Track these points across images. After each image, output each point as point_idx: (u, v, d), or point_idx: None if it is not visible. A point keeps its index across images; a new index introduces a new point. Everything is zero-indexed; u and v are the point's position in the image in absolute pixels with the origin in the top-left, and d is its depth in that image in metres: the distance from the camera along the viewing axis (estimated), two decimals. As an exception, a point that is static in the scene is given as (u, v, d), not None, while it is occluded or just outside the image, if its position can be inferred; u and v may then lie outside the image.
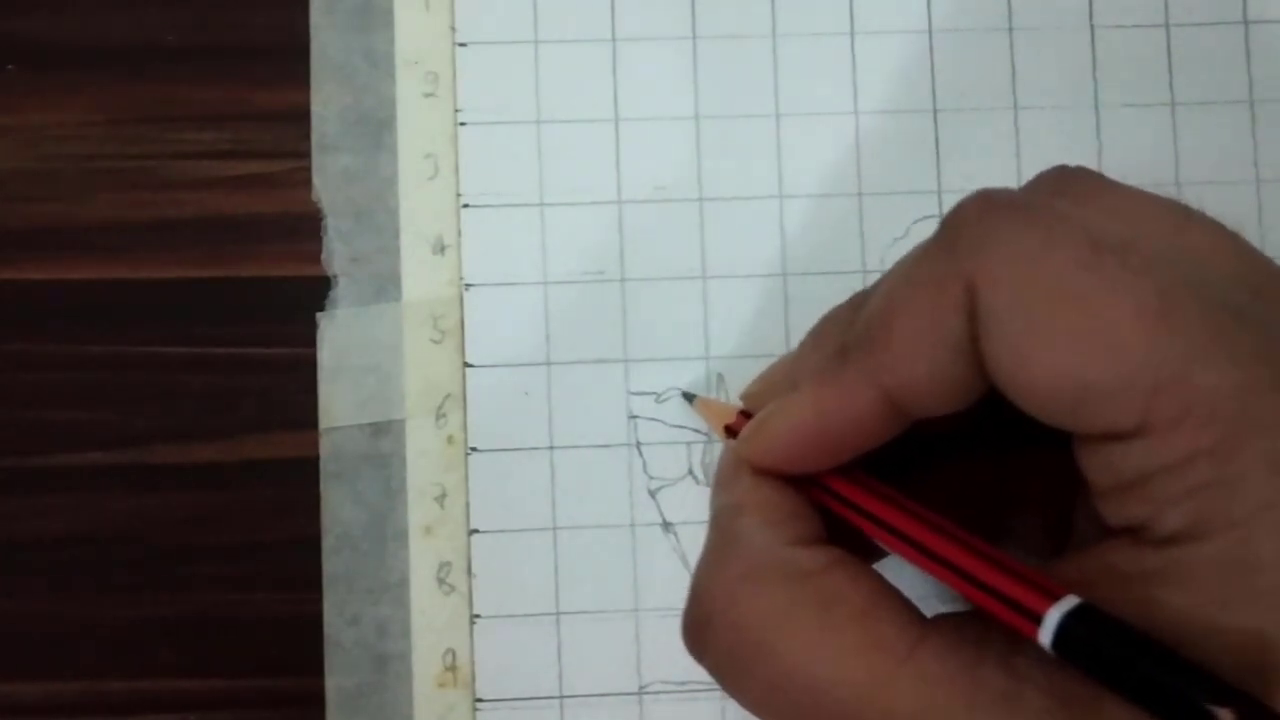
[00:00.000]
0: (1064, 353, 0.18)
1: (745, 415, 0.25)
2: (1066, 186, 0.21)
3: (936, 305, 0.19)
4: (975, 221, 0.20)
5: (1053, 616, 0.18)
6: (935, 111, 0.32)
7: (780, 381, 0.24)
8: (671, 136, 0.31)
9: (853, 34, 0.32)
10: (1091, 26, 0.32)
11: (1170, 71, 0.32)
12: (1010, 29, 0.32)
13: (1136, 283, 0.18)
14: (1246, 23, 0.32)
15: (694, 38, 0.32)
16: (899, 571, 0.22)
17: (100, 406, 0.30)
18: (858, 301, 0.23)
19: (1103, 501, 0.19)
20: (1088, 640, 0.17)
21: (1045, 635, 0.18)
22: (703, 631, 0.21)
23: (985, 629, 0.19)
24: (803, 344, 0.24)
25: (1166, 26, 0.32)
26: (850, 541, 0.22)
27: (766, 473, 0.22)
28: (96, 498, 0.30)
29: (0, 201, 0.31)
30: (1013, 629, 0.18)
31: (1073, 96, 0.32)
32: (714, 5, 0.32)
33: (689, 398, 0.30)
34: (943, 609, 0.21)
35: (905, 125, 0.32)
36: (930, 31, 0.32)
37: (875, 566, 0.21)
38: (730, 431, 0.25)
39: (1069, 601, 0.18)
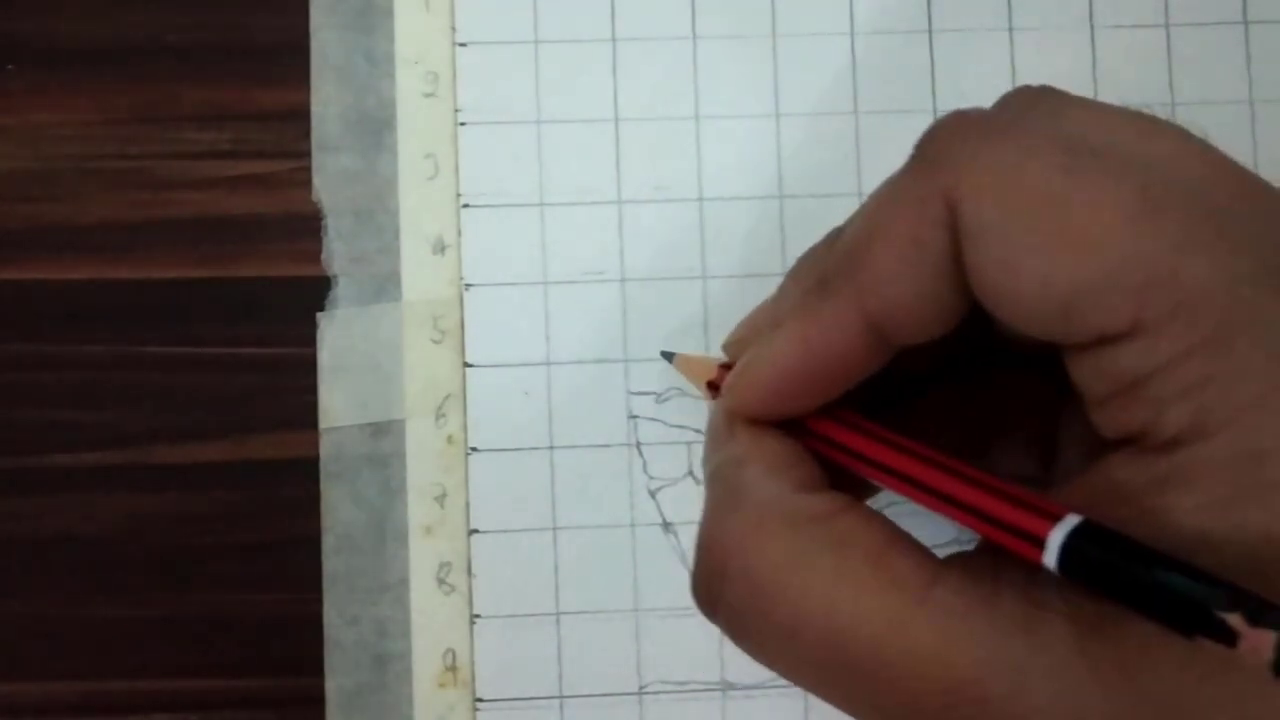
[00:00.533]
0: (1051, 257, 0.18)
1: (726, 368, 0.24)
2: (1035, 102, 0.21)
3: (917, 224, 0.19)
4: (951, 138, 0.20)
5: (1055, 538, 0.17)
6: (935, 112, 0.32)
7: (761, 325, 0.24)
8: (671, 136, 0.31)
9: (853, 34, 0.32)
10: (1091, 26, 0.32)
11: (1170, 71, 0.32)
12: (1010, 29, 0.32)
13: (1117, 183, 0.18)
14: (1246, 23, 0.32)
15: (694, 38, 0.32)
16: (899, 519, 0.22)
17: (100, 406, 0.30)
18: (832, 238, 0.23)
19: (1099, 412, 0.19)
20: (1092, 558, 0.17)
21: (1050, 558, 0.17)
22: (715, 584, 0.20)
23: (999, 562, 0.19)
24: (781, 286, 0.24)
25: (1166, 26, 0.32)
26: (848, 488, 0.21)
27: (756, 420, 0.22)
28: (96, 498, 0.30)
29: (0, 201, 0.31)
30: (1019, 556, 0.18)
31: (1073, 96, 0.32)
32: (714, 5, 0.32)
33: (668, 356, 0.30)
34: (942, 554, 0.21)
35: (905, 125, 0.32)
36: (930, 31, 0.32)
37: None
38: (713, 387, 0.25)
39: (1070, 521, 0.17)
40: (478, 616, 0.30)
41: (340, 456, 0.30)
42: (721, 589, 0.20)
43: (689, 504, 0.30)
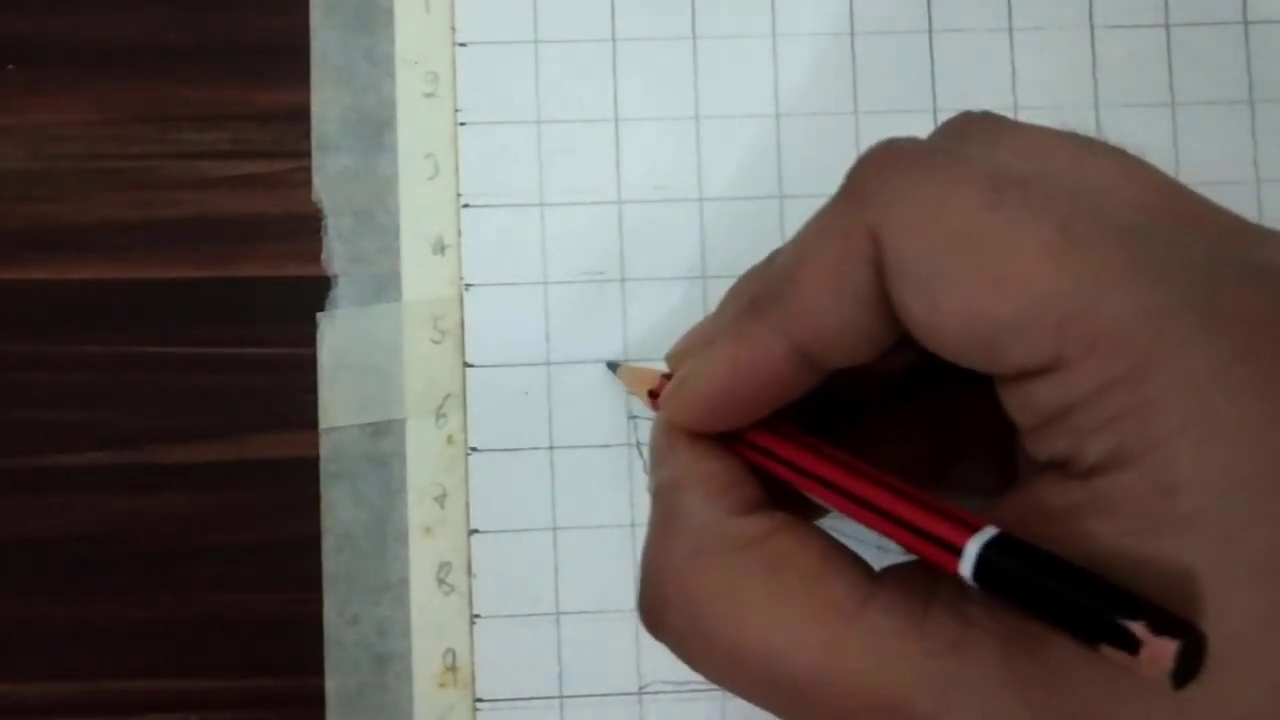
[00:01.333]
0: (970, 294, 0.18)
1: (669, 378, 0.24)
2: (969, 130, 0.21)
3: (842, 256, 0.19)
4: (877, 170, 0.20)
5: (971, 548, 0.18)
6: (935, 111, 0.32)
7: (699, 340, 0.24)
8: (671, 136, 0.31)
9: (852, 34, 0.32)
10: (1091, 26, 0.32)
11: (1170, 71, 0.32)
12: (1010, 29, 0.32)
13: (1037, 218, 0.18)
14: (1246, 23, 0.32)
15: (694, 38, 0.32)
16: (846, 526, 0.22)
17: (100, 406, 0.30)
18: (770, 259, 0.23)
19: (1028, 439, 0.19)
20: (1007, 569, 0.17)
21: (966, 567, 0.18)
22: (657, 612, 0.21)
23: (933, 577, 0.19)
24: (721, 303, 0.24)
25: (1166, 26, 0.32)
26: (791, 501, 0.22)
27: (697, 438, 0.22)
28: (96, 498, 0.30)
29: (0, 201, 0.31)
30: (939, 567, 0.18)
31: (1073, 96, 0.32)
32: (714, 5, 0.32)
33: (613, 366, 0.30)
34: (893, 559, 0.21)
35: (905, 125, 0.31)
36: (930, 31, 0.32)
37: (822, 524, 0.21)
38: (653, 395, 0.25)
39: (987, 532, 0.18)
40: (478, 616, 0.30)
41: (340, 456, 0.30)
42: (663, 618, 0.21)
43: (689, 504, 0.30)
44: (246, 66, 0.31)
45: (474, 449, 0.30)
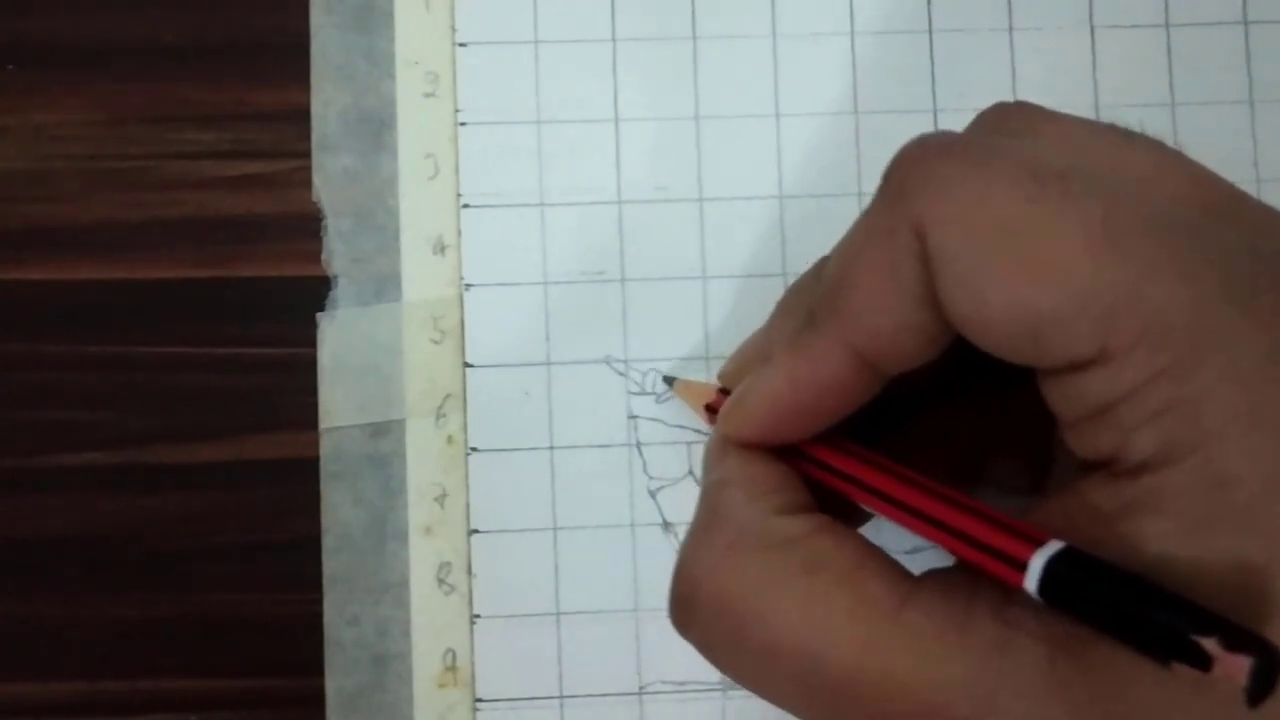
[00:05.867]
0: (1015, 286, 0.18)
1: (725, 393, 0.25)
2: (1005, 122, 0.21)
3: (889, 255, 0.19)
4: (915, 166, 0.20)
5: (1037, 563, 0.17)
6: (935, 111, 0.32)
7: (753, 356, 0.24)
8: (671, 136, 0.31)
9: (853, 34, 0.32)
10: (1091, 26, 0.32)
11: (1170, 71, 0.32)
12: (1010, 29, 0.32)
13: (1081, 209, 0.18)
14: (1246, 23, 0.32)
15: (694, 38, 0.32)
16: (880, 537, 0.22)
17: (100, 407, 0.30)
18: (819, 269, 0.23)
19: (1072, 435, 0.19)
20: (1073, 583, 0.17)
21: (1031, 582, 0.18)
22: (688, 606, 0.21)
23: (975, 581, 0.19)
24: (772, 317, 0.24)
25: (1166, 26, 0.32)
26: (838, 510, 0.22)
27: (750, 447, 0.22)
28: (96, 498, 0.30)
29: (0, 201, 0.31)
30: (998, 579, 0.18)
31: (1073, 96, 0.32)
32: (714, 5, 0.32)
33: (669, 381, 0.30)
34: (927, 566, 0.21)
35: (905, 125, 0.32)
36: (930, 31, 0.32)
37: (861, 532, 0.21)
38: (711, 410, 0.26)
39: (1052, 547, 0.18)
40: (478, 616, 0.30)
41: (340, 456, 0.30)
42: (694, 612, 0.20)
43: (689, 504, 0.30)
44: (246, 66, 0.31)
45: (474, 449, 0.30)
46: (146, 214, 0.31)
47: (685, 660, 0.30)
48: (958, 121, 0.31)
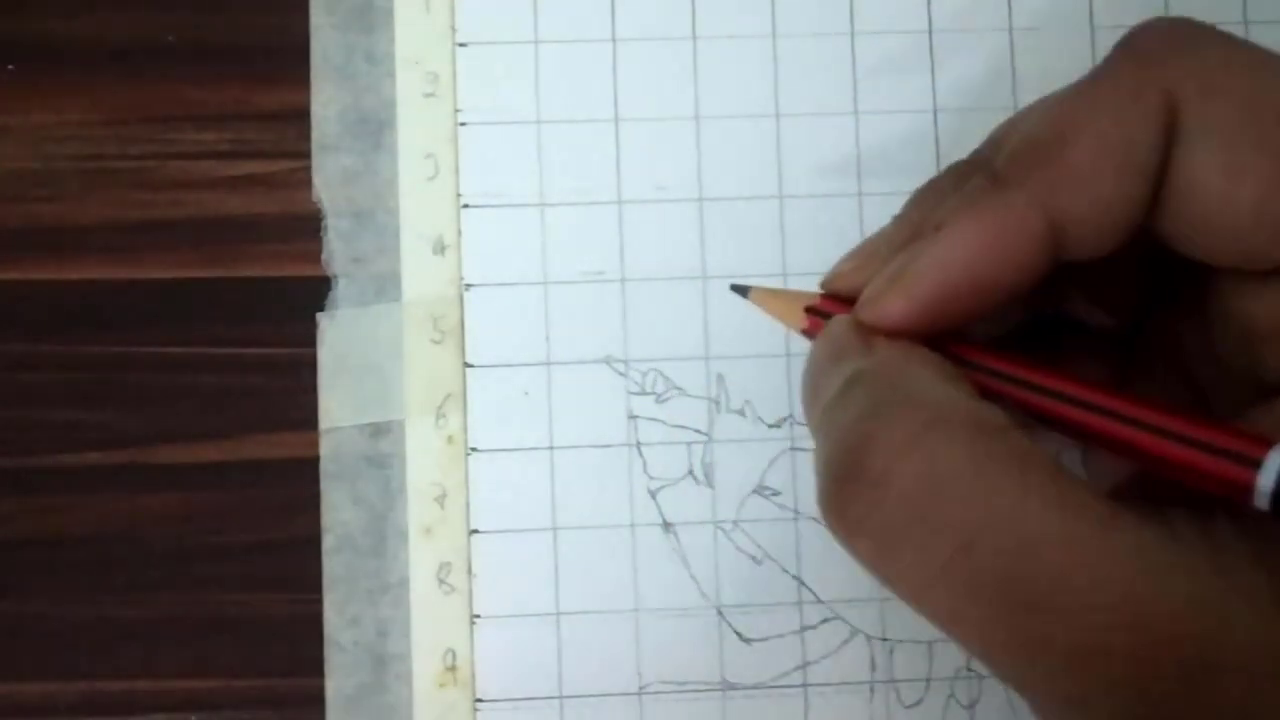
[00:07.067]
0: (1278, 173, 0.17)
1: (830, 299, 0.22)
2: (1202, 24, 0.20)
3: (1128, 118, 0.18)
4: (1170, 35, 0.18)
5: (1274, 460, 0.16)
6: (935, 111, 0.32)
7: (882, 252, 0.21)
8: (671, 136, 0.31)
9: (853, 34, 0.32)
10: (1091, 26, 0.32)
11: (1170, 71, 0.32)
12: (1010, 29, 0.32)
13: None
14: (1246, 23, 0.32)
15: (694, 38, 0.32)
16: None
17: (100, 407, 0.30)
18: (959, 169, 0.21)
19: (1269, 348, 0.17)
20: None
21: (1267, 479, 0.16)
22: (871, 490, 0.18)
23: (1167, 509, 0.18)
24: (900, 215, 0.22)
25: (1166, 26, 0.32)
26: None
27: (897, 337, 0.19)
28: (96, 498, 0.30)
29: (0, 201, 0.31)
30: (1224, 488, 0.17)
31: (1073, 96, 0.32)
32: (714, 5, 0.32)
33: (742, 291, 0.25)
34: None
35: (905, 125, 0.32)
36: (930, 31, 0.32)
37: None
38: (816, 313, 0.22)
39: None
40: (478, 616, 0.30)
41: (340, 456, 0.30)
42: (877, 495, 0.18)
43: (689, 504, 0.30)
44: (246, 66, 0.31)
45: (474, 449, 0.30)
46: (146, 214, 0.31)
47: (685, 660, 0.30)
48: (958, 121, 0.32)
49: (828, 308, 0.21)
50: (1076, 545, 0.17)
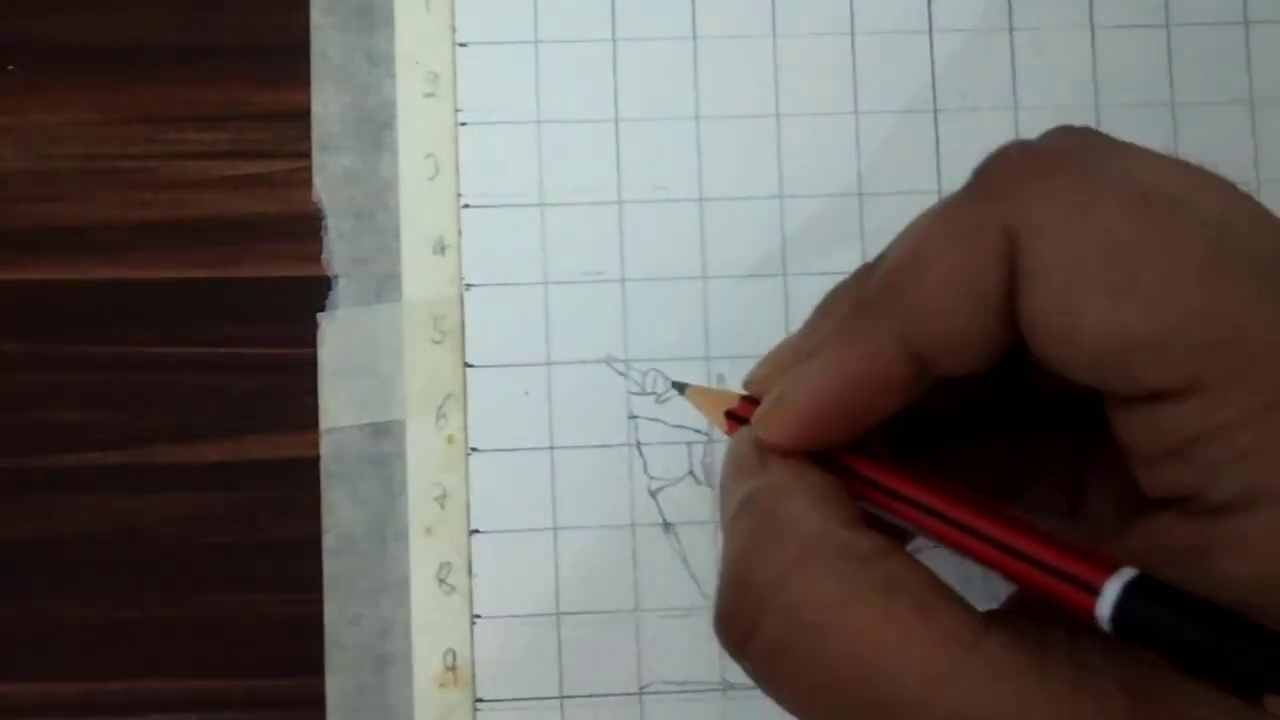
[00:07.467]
0: (1114, 305, 0.17)
1: (748, 400, 0.24)
2: (1093, 144, 0.20)
3: (970, 254, 0.18)
4: (1016, 169, 0.19)
5: (1112, 587, 0.17)
6: (935, 111, 0.32)
7: (786, 359, 0.23)
8: (671, 136, 0.31)
9: (853, 34, 0.32)
10: (1092, 26, 0.32)
11: (1170, 71, 0.32)
12: (1010, 29, 0.32)
13: (1188, 236, 0.17)
14: (1247, 23, 0.32)
15: (694, 38, 0.32)
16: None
17: (100, 406, 0.30)
18: (862, 273, 0.22)
19: (1145, 470, 0.18)
20: (1149, 613, 0.17)
21: (1105, 608, 0.17)
22: (749, 620, 0.19)
23: (1040, 624, 0.18)
24: (809, 320, 0.23)
25: (1166, 26, 0.32)
26: (880, 530, 0.21)
27: (788, 453, 0.21)
28: (97, 498, 0.30)
29: (0, 202, 0.31)
30: (1072, 609, 0.17)
31: (1073, 96, 0.32)
32: (714, 5, 0.32)
33: (680, 387, 0.28)
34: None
35: (905, 125, 0.32)
36: (930, 31, 0.32)
37: None
38: (733, 417, 0.24)
39: (1127, 573, 0.17)
40: (478, 616, 0.30)
41: (340, 456, 0.30)
42: (757, 625, 0.19)
43: (689, 504, 0.30)
44: (246, 66, 0.31)
45: (474, 449, 0.30)
46: (146, 214, 0.31)
47: (685, 660, 0.30)
48: (958, 121, 0.32)
49: (744, 412, 0.23)
50: (935, 674, 0.17)
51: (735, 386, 0.30)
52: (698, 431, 0.31)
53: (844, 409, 0.20)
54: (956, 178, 0.31)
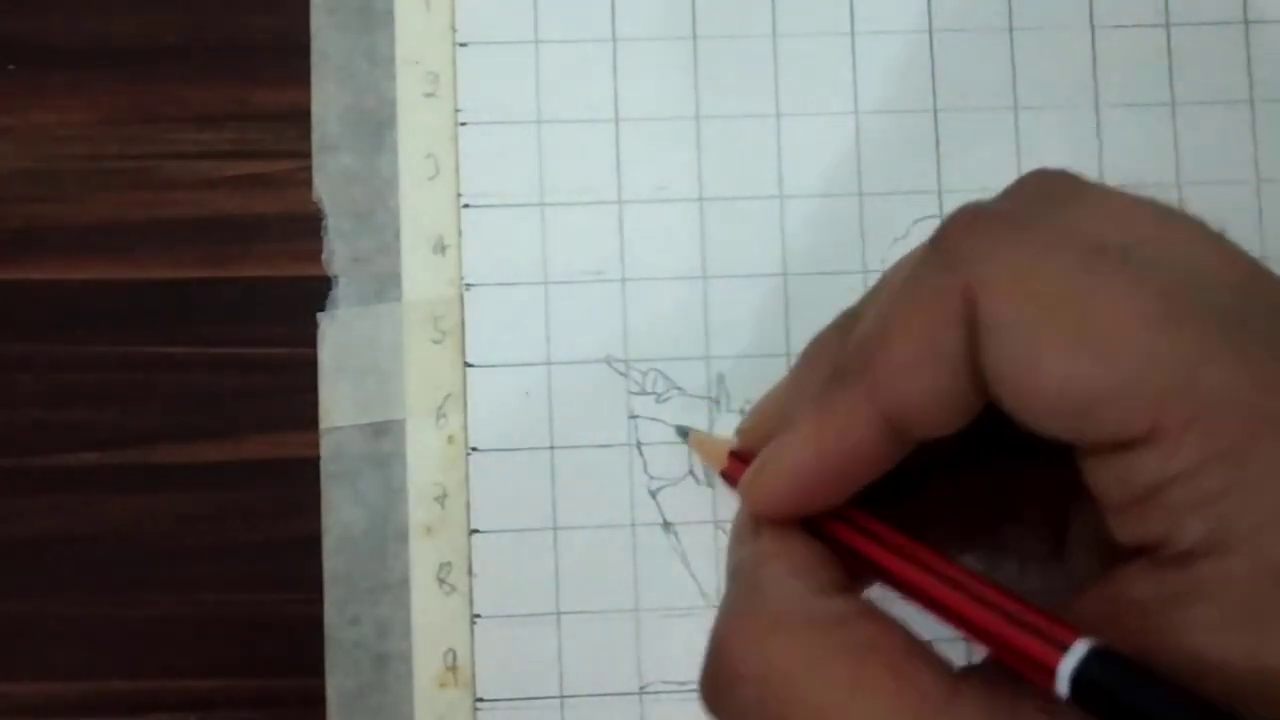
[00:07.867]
0: (1069, 359, 0.18)
1: (737, 457, 0.24)
2: (1050, 190, 0.21)
3: (933, 320, 0.19)
4: (967, 233, 0.19)
5: (1066, 667, 0.17)
6: (935, 111, 0.32)
7: (774, 414, 0.23)
8: (671, 136, 0.31)
9: (853, 34, 0.32)
10: (1091, 26, 0.32)
11: (1170, 71, 0.32)
12: (1010, 29, 0.32)
13: (1138, 284, 0.18)
14: (1247, 23, 0.32)
15: (694, 38, 0.32)
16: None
17: (100, 406, 0.30)
18: (844, 323, 0.23)
19: (1114, 518, 0.18)
20: (1105, 688, 0.17)
21: (1062, 687, 0.17)
22: (725, 685, 0.20)
23: (1016, 679, 0.18)
24: (793, 371, 0.24)
25: (1166, 26, 0.32)
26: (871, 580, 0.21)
27: (773, 520, 0.22)
28: (97, 498, 0.30)
29: (0, 202, 0.31)
30: (1035, 681, 0.18)
31: (1073, 96, 0.32)
32: (714, 5, 0.32)
33: (683, 433, 0.29)
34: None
35: (905, 125, 0.32)
36: (930, 31, 0.32)
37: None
38: (726, 478, 0.25)
39: (1079, 649, 0.17)
40: (478, 616, 0.30)
41: (340, 456, 0.30)
42: (730, 690, 0.20)
43: (689, 504, 0.30)
44: (246, 66, 0.31)
45: (474, 449, 0.30)
46: (146, 214, 0.31)
47: (685, 660, 0.30)
48: (958, 121, 0.32)
49: (734, 472, 0.24)
50: None
51: (735, 386, 0.31)
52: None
53: (824, 480, 0.21)
54: (957, 178, 0.31)
